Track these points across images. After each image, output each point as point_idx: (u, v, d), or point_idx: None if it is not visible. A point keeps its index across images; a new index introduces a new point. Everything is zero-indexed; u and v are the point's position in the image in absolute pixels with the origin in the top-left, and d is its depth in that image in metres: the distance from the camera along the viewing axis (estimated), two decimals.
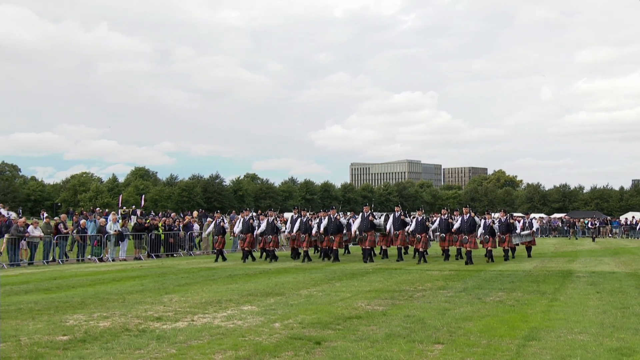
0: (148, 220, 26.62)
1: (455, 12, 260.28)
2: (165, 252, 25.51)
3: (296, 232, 21.28)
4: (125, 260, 23.40)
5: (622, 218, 61.58)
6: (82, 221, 23.91)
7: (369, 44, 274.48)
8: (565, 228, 53.28)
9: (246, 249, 21.17)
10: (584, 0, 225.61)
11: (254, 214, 27.91)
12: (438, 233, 21.15)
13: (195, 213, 69.54)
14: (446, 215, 21.14)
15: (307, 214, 21.89)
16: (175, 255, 25.63)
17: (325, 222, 20.78)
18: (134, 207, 64.55)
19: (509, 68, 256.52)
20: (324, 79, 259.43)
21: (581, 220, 55.95)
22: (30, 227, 21.51)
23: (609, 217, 63.46)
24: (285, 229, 23.48)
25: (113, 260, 23.21)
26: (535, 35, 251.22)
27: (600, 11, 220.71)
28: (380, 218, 21.65)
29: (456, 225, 20.06)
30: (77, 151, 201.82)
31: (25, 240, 21.31)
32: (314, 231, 20.82)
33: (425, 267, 17.72)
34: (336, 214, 21.43)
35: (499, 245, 20.98)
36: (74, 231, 23.44)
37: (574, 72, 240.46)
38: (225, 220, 22.83)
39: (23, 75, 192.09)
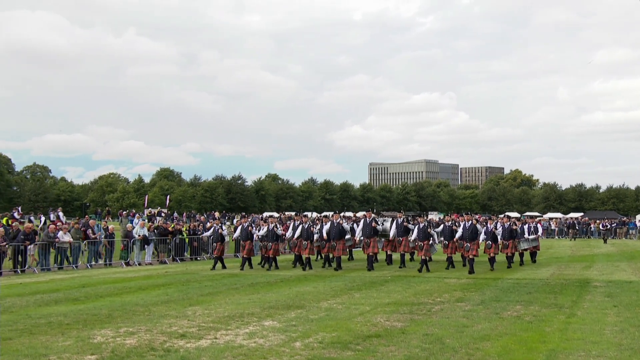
0: (172, 225, 26.75)
1: (472, 14, 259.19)
2: (189, 255, 25.69)
3: (297, 238, 20.27)
4: (151, 264, 23.59)
5: (638, 218, 60.69)
6: (111, 227, 24.13)
7: (388, 46, 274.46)
8: (564, 229, 52.10)
9: (245, 256, 20.41)
10: (599, 2, 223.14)
11: (263, 218, 27.68)
12: (442, 239, 20.54)
13: (217, 214, 70.04)
14: (450, 222, 20.40)
15: (309, 219, 21.06)
16: (199, 258, 25.77)
17: (327, 227, 19.85)
18: (159, 208, 65.09)
19: (526, 69, 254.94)
20: (344, 81, 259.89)
21: (597, 221, 55.18)
22: (60, 233, 21.74)
23: (624, 218, 62.48)
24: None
25: (139, 264, 23.41)
26: (552, 37, 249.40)
27: (616, 13, 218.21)
28: (383, 224, 21.01)
29: (458, 233, 19.42)
30: (106, 152, 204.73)
31: (55, 245, 21.59)
32: (315, 237, 19.95)
33: (444, 274, 17.56)
34: (338, 219, 20.47)
35: (501, 252, 20.28)
36: (102, 236, 23.64)
37: (590, 73, 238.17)
38: (224, 227, 22.28)
39: (55, 79, 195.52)
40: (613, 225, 52.32)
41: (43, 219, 36.63)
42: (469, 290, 13.78)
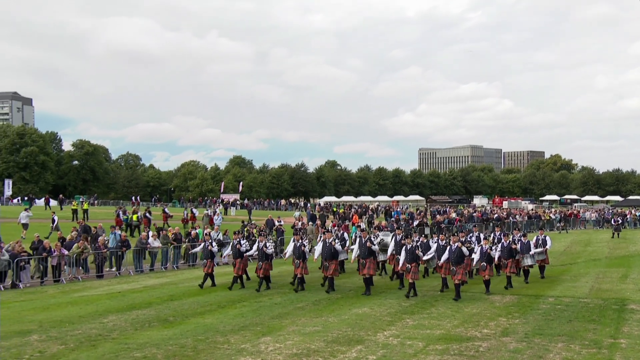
0: (246, 228, 27.27)
1: (517, 9, 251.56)
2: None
3: (289, 256, 18.46)
4: (227, 264, 24.19)
5: None
6: (193, 232, 24.82)
7: (439, 40, 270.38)
8: (559, 222, 47.14)
9: (235, 274, 18.25)
10: None
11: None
12: (436, 260, 18.29)
13: (283, 201, 70.67)
14: (444, 242, 18.14)
15: (301, 238, 18.61)
16: None
17: (319, 248, 17.86)
18: (234, 198, 66.39)
19: (567, 60, 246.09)
20: (398, 73, 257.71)
21: (632, 211, 52.70)
22: (151, 239, 22.54)
23: None
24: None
25: (217, 264, 24.02)
26: (592, 29, 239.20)
27: None
28: (383, 239, 19.42)
29: (444, 257, 16.91)
30: (189, 138, 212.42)
31: (147, 250, 22.41)
32: (314, 255, 18.44)
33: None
34: (331, 239, 17.79)
35: (501, 272, 18.79)
36: (187, 240, 24.36)
37: (628, 63, 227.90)
38: (214, 244, 20.02)
39: (147, 76, 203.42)
40: (618, 220, 49.10)
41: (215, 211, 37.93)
42: (513, 315, 13.45)
